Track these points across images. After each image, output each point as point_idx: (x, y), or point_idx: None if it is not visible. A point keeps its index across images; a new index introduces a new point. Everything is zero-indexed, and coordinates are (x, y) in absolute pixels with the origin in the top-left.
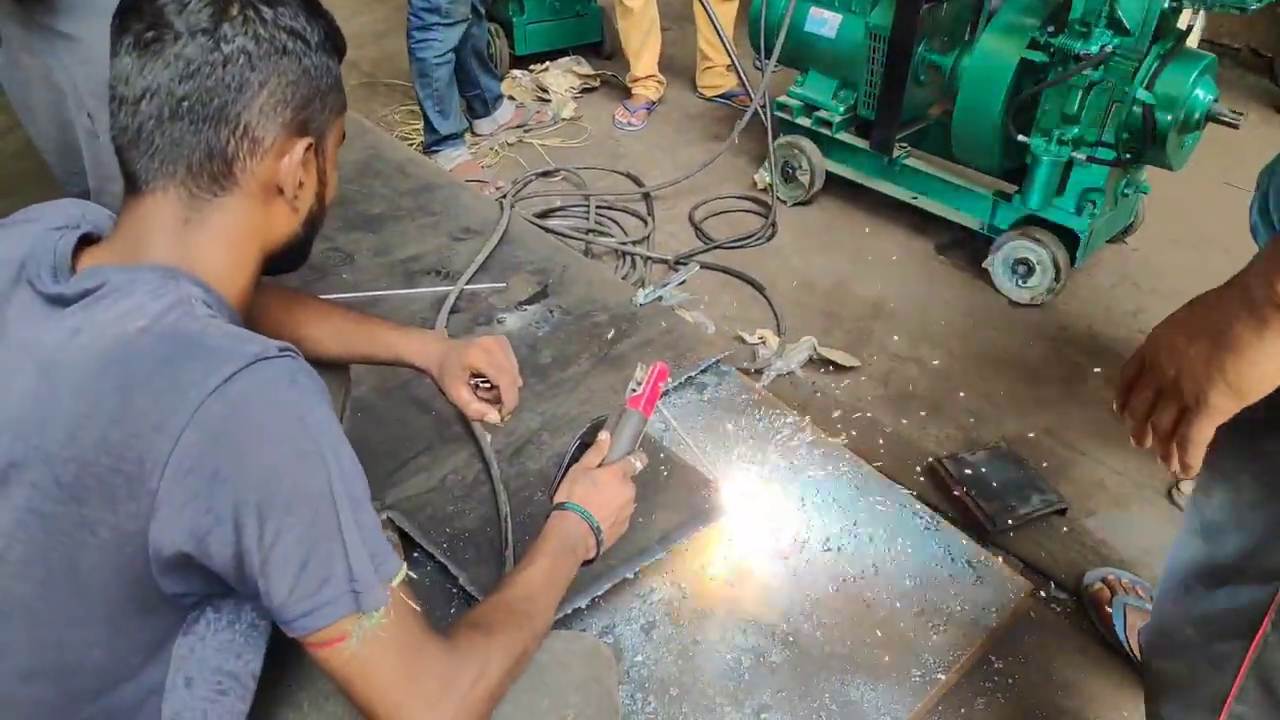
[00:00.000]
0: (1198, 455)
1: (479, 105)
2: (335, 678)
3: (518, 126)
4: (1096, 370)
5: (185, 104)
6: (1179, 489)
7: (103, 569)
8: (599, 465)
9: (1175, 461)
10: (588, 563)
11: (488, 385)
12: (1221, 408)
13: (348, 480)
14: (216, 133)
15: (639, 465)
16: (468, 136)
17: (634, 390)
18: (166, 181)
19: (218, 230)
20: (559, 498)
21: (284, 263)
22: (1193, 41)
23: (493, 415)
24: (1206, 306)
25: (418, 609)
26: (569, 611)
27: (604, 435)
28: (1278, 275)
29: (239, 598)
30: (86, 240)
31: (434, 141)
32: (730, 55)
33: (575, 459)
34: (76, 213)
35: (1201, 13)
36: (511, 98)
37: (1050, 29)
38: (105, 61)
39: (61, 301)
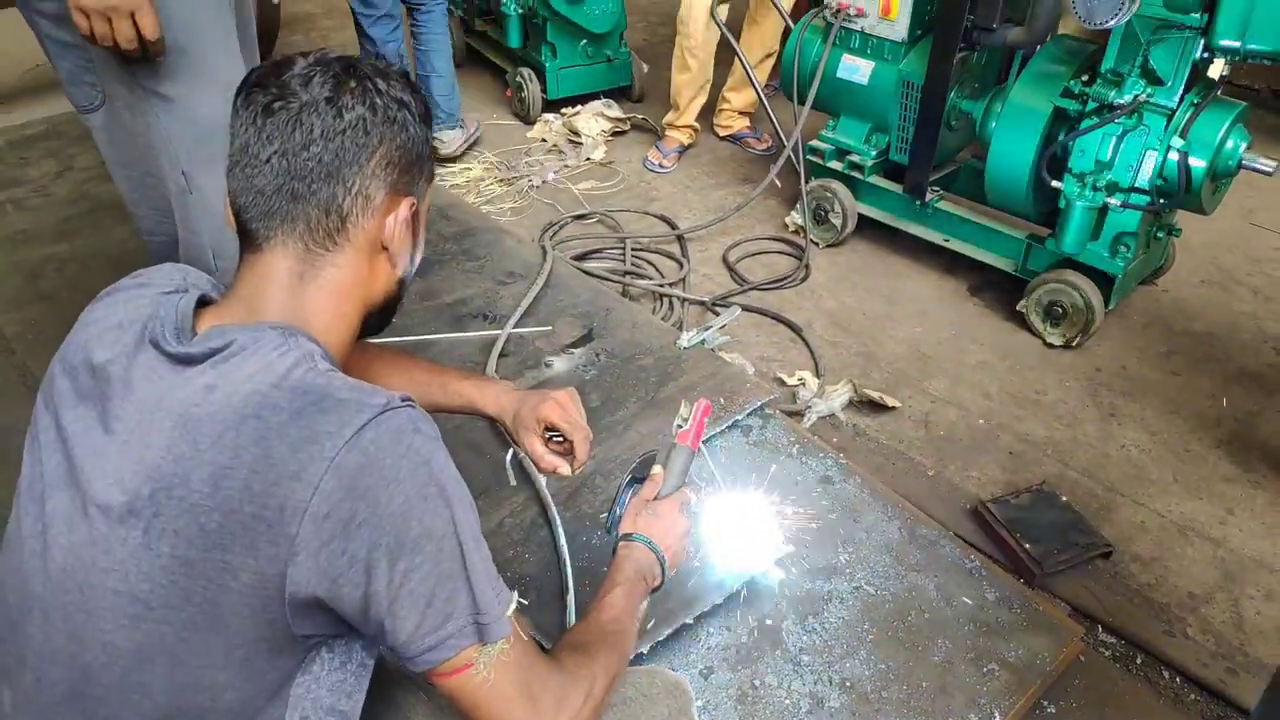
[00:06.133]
0: None
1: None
2: (461, 703)
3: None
4: (1131, 412)
5: (309, 165)
6: None
7: (241, 612)
8: (655, 498)
9: None
10: (654, 589)
11: (560, 439)
12: None
13: (467, 519)
14: (334, 191)
15: (693, 498)
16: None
17: (681, 426)
18: (286, 237)
19: (328, 284)
20: (624, 529)
21: (378, 319)
22: None
23: (565, 468)
24: None
25: (529, 635)
26: (630, 657)
27: (657, 469)
28: None
29: (350, 638)
30: (201, 301)
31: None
32: (761, 102)
33: (629, 492)
34: (180, 277)
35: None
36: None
37: (1084, 78)
38: (201, 122)
39: (189, 360)
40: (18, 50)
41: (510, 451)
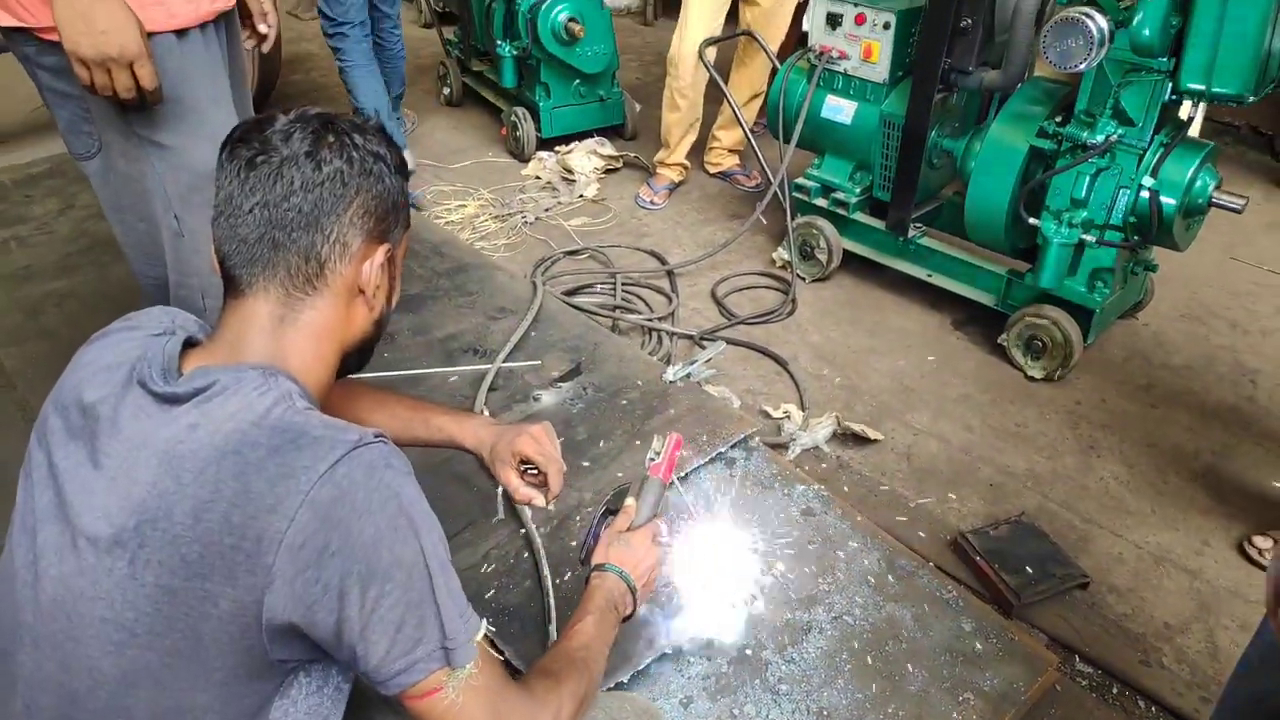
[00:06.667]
0: None
1: None
2: None
3: None
4: (1110, 444)
5: (290, 215)
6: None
7: (221, 638)
8: (628, 529)
9: None
10: (625, 619)
11: (535, 471)
12: None
13: (436, 549)
14: (313, 240)
15: (664, 528)
16: None
17: (653, 459)
18: (267, 282)
19: (307, 327)
20: (597, 559)
21: (356, 359)
22: (1195, 121)
23: (539, 500)
24: None
25: (498, 659)
26: (611, 685)
27: (630, 501)
28: None
29: (326, 664)
30: (186, 343)
31: None
32: (749, 140)
33: (603, 523)
34: (168, 319)
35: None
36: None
37: (1058, 119)
38: (194, 169)
39: (174, 400)
40: (22, 89)
41: (501, 485)
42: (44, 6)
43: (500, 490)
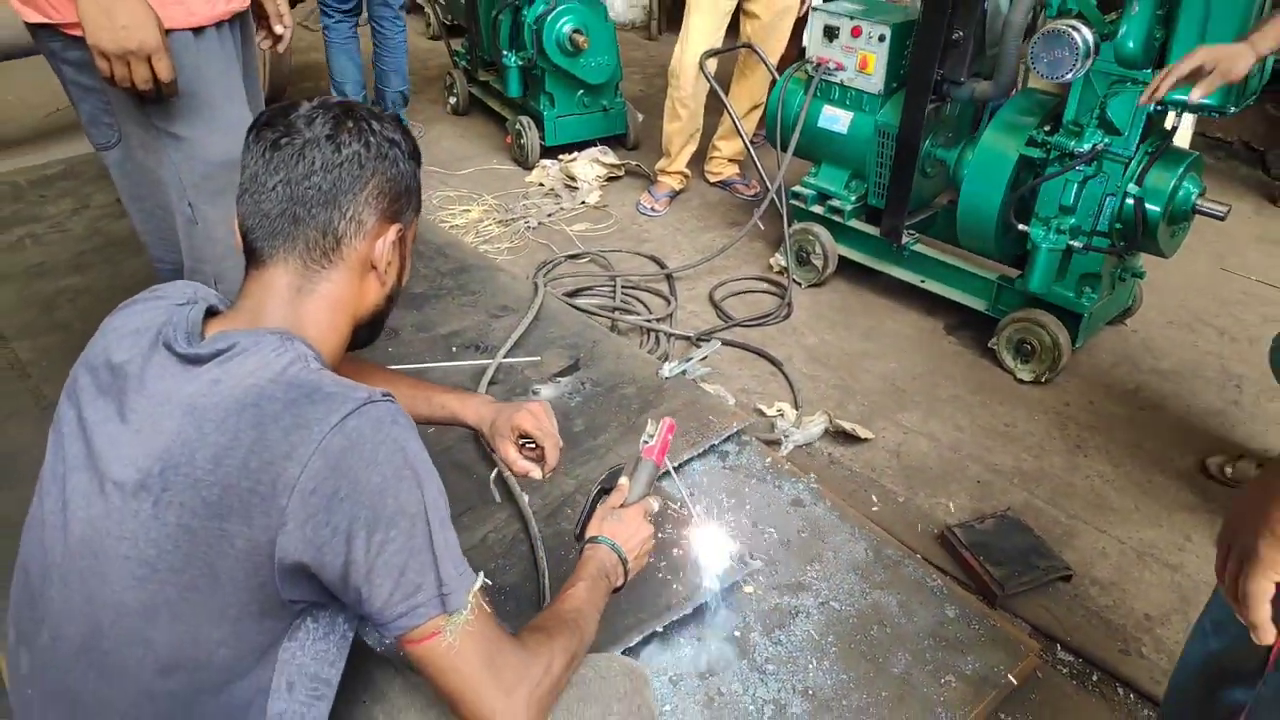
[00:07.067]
0: (1258, 610)
1: None
2: (429, 668)
3: None
4: (1097, 445)
5: (310, 192)
6: None
7: (236, 575)
8: (621, 506)
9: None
10: (616, 590)
11: (532, 446)
12: (1271, 560)
13: (437, 502)
14: (330, 216)
15: (655, 506)
16: None
17: (647, 441)
18: (287, 255)
19: (323, 298)
20: (590, 532)
21: (367, 332)
22: (1185, 136)
23: (536, 472)
24: (1265, 475)
25: (493, 613)
26: (590, 645)
27: (623, 480)
28: None
29: (334, 610)
30: (208, 312)
31: None
32: (748, 150)
33: (597, 501)
34: (190, 291)
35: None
36: None
37: (1047, 128)
38: (208, 159)
39: (197, 360)
40: (37, 96)
41: (495, 471)
42: (69, 3)
43: (494, 475)
